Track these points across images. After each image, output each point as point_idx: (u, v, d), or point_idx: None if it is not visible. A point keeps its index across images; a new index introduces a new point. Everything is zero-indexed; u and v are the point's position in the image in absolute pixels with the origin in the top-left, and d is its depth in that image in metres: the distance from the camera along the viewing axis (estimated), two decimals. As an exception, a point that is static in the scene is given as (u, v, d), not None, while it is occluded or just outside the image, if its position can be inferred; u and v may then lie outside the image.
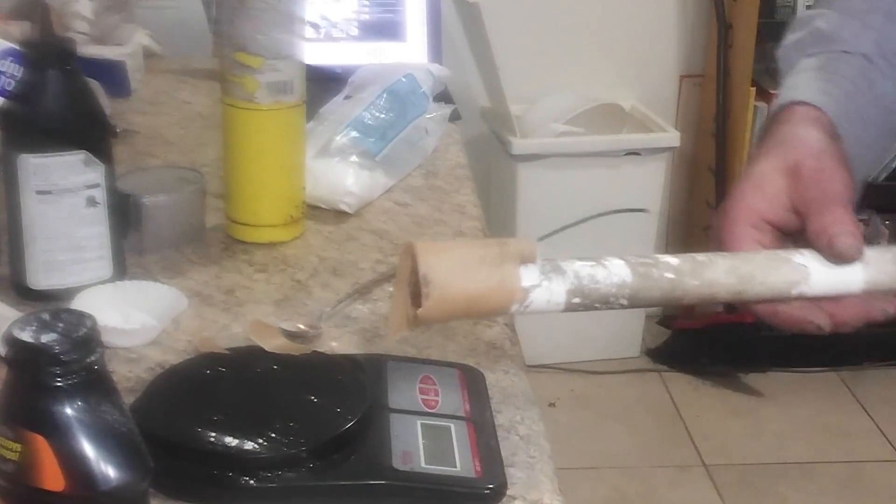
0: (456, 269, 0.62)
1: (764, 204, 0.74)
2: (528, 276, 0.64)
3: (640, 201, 2.79)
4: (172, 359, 0.95)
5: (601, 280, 0.66)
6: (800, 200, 0.74)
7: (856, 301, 0.74)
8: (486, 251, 0.64)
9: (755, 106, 2.86)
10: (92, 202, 1.03)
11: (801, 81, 0.82)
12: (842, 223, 0.71)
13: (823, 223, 0.71)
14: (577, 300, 0.65)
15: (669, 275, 0.67)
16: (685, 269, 0.68)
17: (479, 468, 0.80)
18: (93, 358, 0.63)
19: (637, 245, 2.86)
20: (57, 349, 0.61)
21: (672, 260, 0.68)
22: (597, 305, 0.66)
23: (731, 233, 0.75)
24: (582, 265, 0.66)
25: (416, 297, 0.63)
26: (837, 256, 0.71)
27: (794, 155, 0.75)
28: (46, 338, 0.62)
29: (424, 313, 0.62)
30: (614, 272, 0.66)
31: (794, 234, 0.75)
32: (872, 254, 0.72)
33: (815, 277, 0.71)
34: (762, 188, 0.75)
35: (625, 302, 0.66)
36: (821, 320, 0.73)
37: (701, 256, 0.69)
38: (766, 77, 2.94)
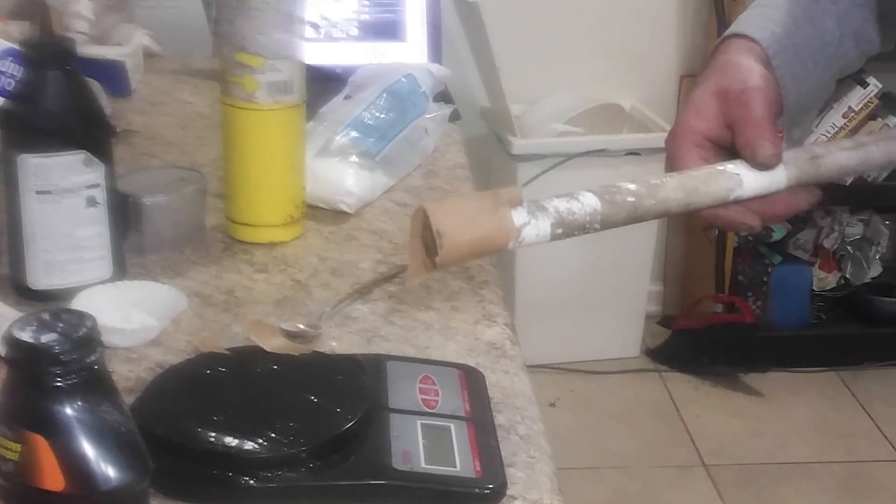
0: (461, 221, 0.73)
1: (703, 124, 0.85)
2: (519, 216, 0.74)
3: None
4: (172, 359, 0.95)
5: (577, 211, 0.75)
6: (729, 118, 0.84)
7: (783, 196, 0.84)
8: (482, 202, 0.74)
9: (755, 106, 2.86)
10: (92, 202, 1.03)
11: (746, 17, 0.92)
12: (762, 136, 0.82)
13: (747, 137, 0.82)
14: (559, 231, 0.75)
15: (630, 198, 0.77)
16: (643, 192, 0.78)
17: (479, 468, 0.80)
18: (93, 358, 0.63)
19: (637, 243, 2.86)
20: (57, 349, 0.61)
21: (631, 185, 0.78)
22: (576, 233, 0.76)
23: (680, 152, 0.85)
24: (559, 201, 0.75)
25: (429, 247, 0.74)
26: (760, 165, 0.82)
27: (724, 79, 0.85)
28: (46, 338, 0.62)
29: (441, 260, 0.73)
30: (586, 203, 0.76)
31: (732, 147, 0.85)
32: (791, 154, 0.83)
33: (746, 182, 0.82)
34: (700, 111, 0.85)
35: (598, 226, 0.76)
36: (752, 221, 0.84)
37: (654, 179, 0.79)
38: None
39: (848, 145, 0.86)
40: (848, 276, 3.05)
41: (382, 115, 1.35)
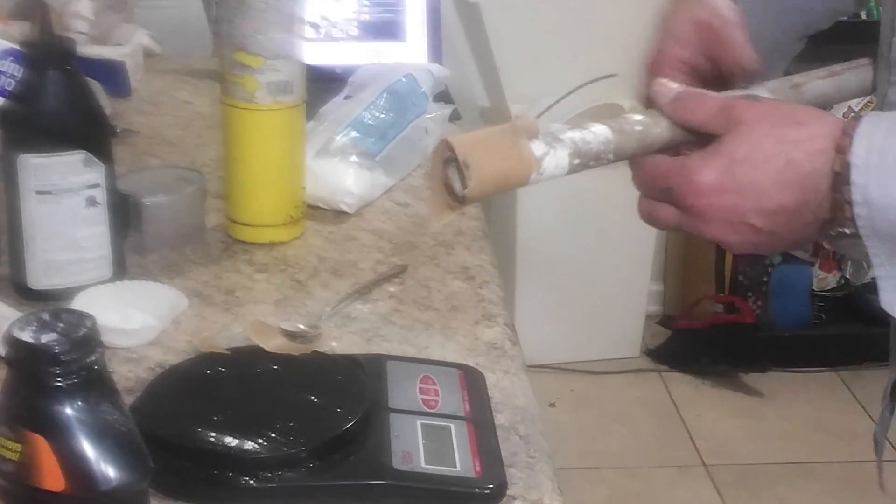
0: (485, 151, 0.73)
1: (685, 53, 0.86)
2: (538, 147, 0.74)
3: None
4: (172, 359, 0.95)
5: (591, 140, 0.76)
6: (712, 52, 0.85)
7: None
8: (502, 134, 0.74)
9: (755, 106, 2.86)
10: (92, 202, 1.03)
11: None
12: (747, 58, 0.84)
13: (733, 63, 0.84)
14: (577, 161, 0.75)
15: (638, 127, 0.78)
16: (648, 121, 0.79)
17: (479, 468, 0.80)
18: (93, 358, 0.63)
19: (637, 243, 2.86)
20: (57, 349, 0.61)
21: (636, 116, 0.79)
22: (591, 163, 0.76)
23: (662, 77, 0.84)
24: (573, 132, 0.76)
25: (450, 186, 0.74)
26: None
27: (701, 12, 0.87)
28: (46, 338, 0.62)
29: (470, 192, 0.72)
30: (598, 133, 0.76)
31: (711, 77, 0.85)
32: (775, 83, 0.86)
33: None
34: (681, 40, 0.87)
35: (611, 157, 0.77)
36: None
37: (655, 110, 0.81)
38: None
39: (823, 74, 0.88)
40: (848, 276, 3.05)
41: (382, 115, 1.35)
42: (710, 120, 0.77)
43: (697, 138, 0.78)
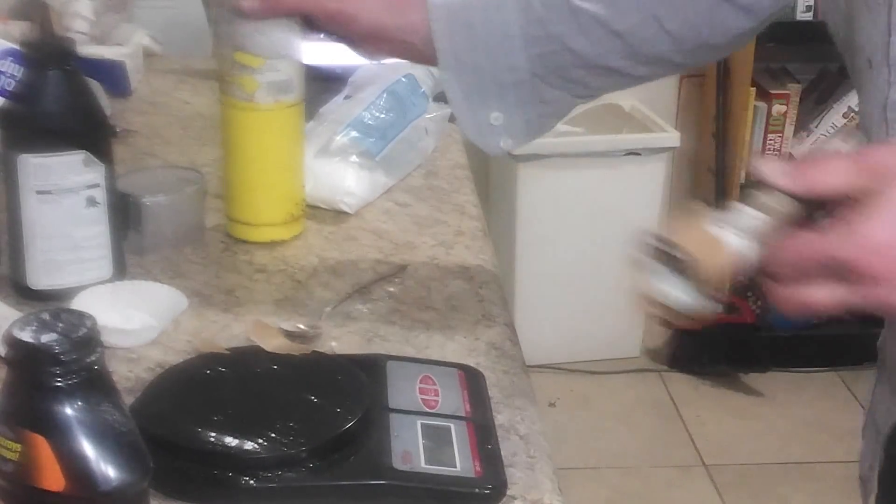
0: (694, 242, 0.69)
1: None
2: (718, 231, 0.70)
3: (640, 201, 2.78)
4: (172, 359, 0.95)
5: (752, 223, 0.70)
6: None
7: None
8: (691, 221, 0.70)
9: (755, 106, 2.86)
10: (92, 202, 1.03)
11: None
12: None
13: None
14: (748, 244, 0.70)
15: (774, 204, 0.71)
16: (775, 198, 0.72)
17: (479, 468, 0.80)
18: (93, 358, 0.63)
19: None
20: (57, 349, 0.62)
21: (760, 194, 0.73)
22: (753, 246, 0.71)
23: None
24: (733, 215, 0.71)
25: (656, 300, 0.71)
26: None
27: None
28: (46, 338, 0.62)
29: (713, 291, 0.68)
30: (751, 214, 0.71)
31: None
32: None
33: None
34: None
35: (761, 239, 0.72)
36: None
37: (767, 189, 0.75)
38: (766, 77, 2.94)
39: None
40: (848, 276, 3.05)
41: (382, 115, 1.35)
42: (851, 180, 0.68)
43: (826, 208, 0.70)
